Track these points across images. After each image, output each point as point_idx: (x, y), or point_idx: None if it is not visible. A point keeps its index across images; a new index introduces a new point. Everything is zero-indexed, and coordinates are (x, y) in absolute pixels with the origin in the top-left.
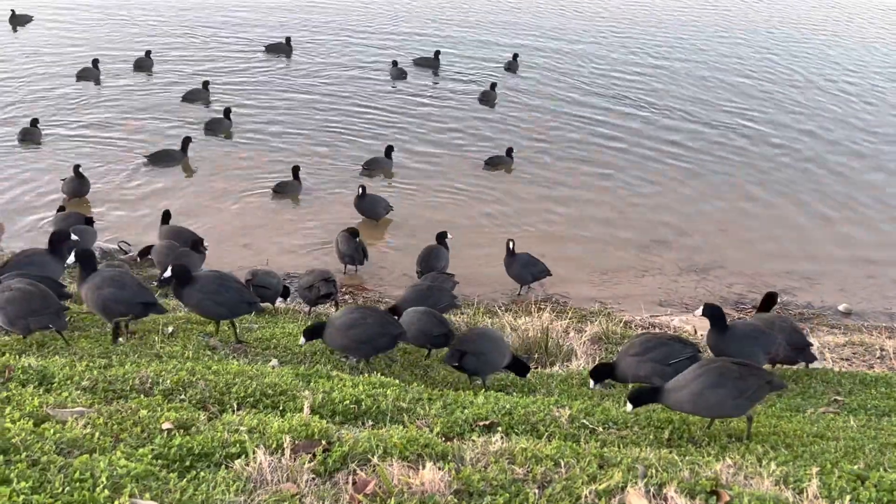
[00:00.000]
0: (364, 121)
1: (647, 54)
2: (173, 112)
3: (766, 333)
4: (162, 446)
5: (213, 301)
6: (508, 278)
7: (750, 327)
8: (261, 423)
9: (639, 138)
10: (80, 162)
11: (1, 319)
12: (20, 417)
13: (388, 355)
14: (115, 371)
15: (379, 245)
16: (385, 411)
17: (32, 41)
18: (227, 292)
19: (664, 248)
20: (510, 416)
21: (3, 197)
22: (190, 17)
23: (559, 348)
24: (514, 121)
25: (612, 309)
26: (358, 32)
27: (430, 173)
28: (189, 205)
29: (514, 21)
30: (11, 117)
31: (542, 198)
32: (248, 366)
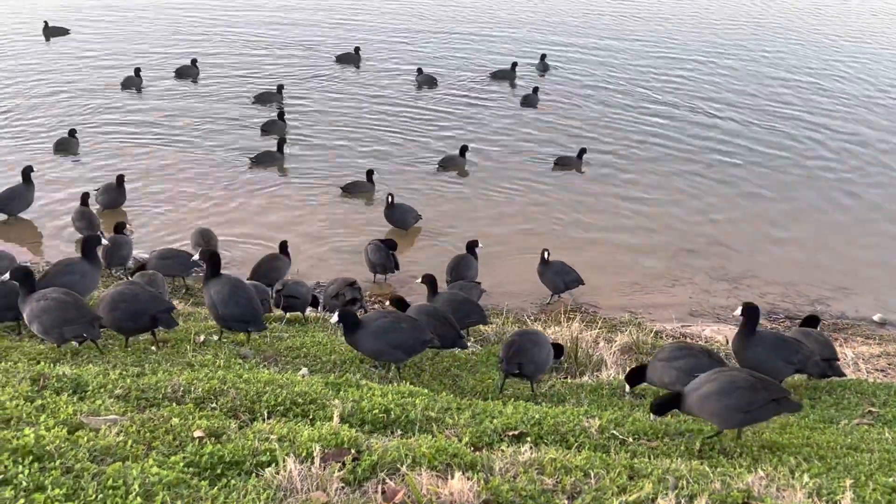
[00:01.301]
0: (404, 127)
1: (676, 56)
2: (219, 117)
3: (790, 345)
4: (193, 454)
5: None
6: (538, 287)
7: (775, 336)
8: (291, 431)
9: (669, 145)
10: (120, 171)
11: (36, 328)
12: (54, 425)
13: (416, 364)
14: (147, 379)
15: (408, 254)
16: (414, 420)
17: (69, 52)
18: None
19: (695, 257)
20: (539, 426)
21: (37, 207)
22: (243, 28)
23: (589, 358)
24: (550, 125)
25: (642, 319)
26: (416, 40)
27: (467, 181)
28: (243, 211)
29: (528, 21)
30: (51, 126)
31: (571, 206)
32: (278, 374)
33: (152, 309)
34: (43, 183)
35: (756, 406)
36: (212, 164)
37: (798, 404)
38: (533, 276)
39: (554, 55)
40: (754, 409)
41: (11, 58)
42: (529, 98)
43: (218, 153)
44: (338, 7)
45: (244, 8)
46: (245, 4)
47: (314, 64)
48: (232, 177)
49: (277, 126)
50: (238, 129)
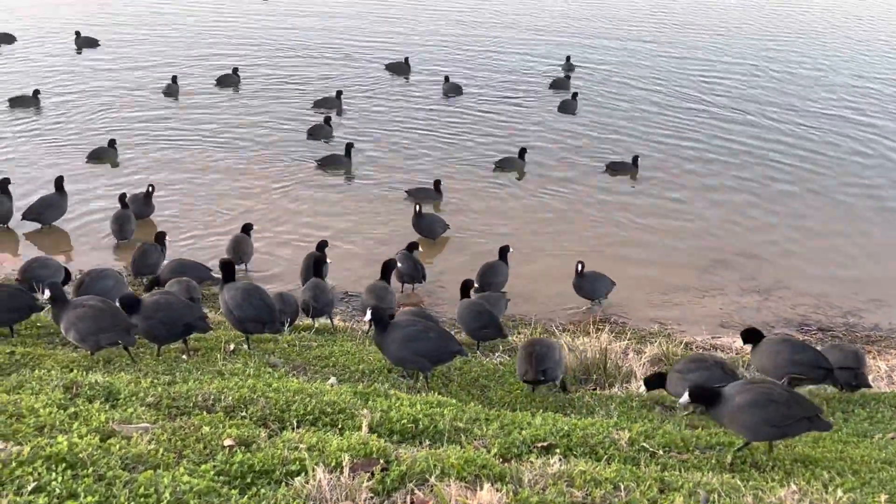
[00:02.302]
0: (455, 133)
1: (704, 59)
2: (264, 124)
3: (795, 346)
4: (223, 463)
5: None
6: (567, 296)
7: (776, 342)
8: (320, 441)
9: (700, 153)
10: (153, 180)
11: (72, 336)
12: (87, 433)
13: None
14: (178, 388)
15: (436, 263)
16: (442, 431)
17: (102, 62)
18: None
19: (726, 268)
20: (568, 437)
21: (73, 216)
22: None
23: (618, 369)
24: (591, 130)
25: (672, 330)
26: (459, 48)
27: (494, 189)
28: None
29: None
30: (88, 135)
31: (599, 215)
32: (307, 384)
33: (187, 317)
34: (78, 192)
35: (788, 422)
36: (258, 169)
37: (829, 424)
38: (563, 284)
39: (579, 58)
40: (786, 425)
41: (46, 68)
42: (568, 104)
43: (265, 157)
44: (384, 16)
45: (286, 16)
46: (285, 13)
47: (364, 72)
48: (279, 179)
49: (324, 130)
50: (282, 134)
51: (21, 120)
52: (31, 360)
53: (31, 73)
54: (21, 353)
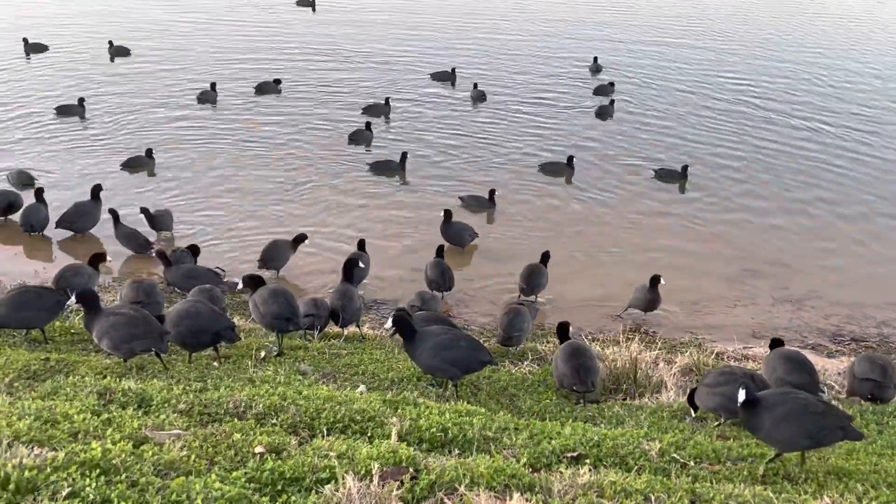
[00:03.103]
0: (500, 140)
1: (739, 63)
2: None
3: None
4: (254, 470)
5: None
6: (597, 305)
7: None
8: (350, 449)
9: (732, 160)
10: (191, 187)
11: (105, 343)
12: (120, 439)
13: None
14: (210, 395)
15: (465, 272)
16: (471, 440)
17: (137, 70)
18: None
19: (757, 277)
20: (598, 448)
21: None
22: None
23: (648, 379)
24: (632, 135)
25: (703, 339)
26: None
27: (526, 196)
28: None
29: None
30: (126, 142)
31: (630, 222)
32: (337, 391)
33: (215, 326)
34: (114, 200)
35: (823, 432)
36: (300, 176)
37: (861, 433)
38: (594, 293)
39: (615, 64)
40: (821, 435)
41: (80, 77)
42: (605, 109)
43: (307, 163)
44: (432, 26)
45: (334, 25)
46: (332, 22)
47: (410, 81)
48: (324, 184)
49: (365, 136)
50: (324, 140)
51: (67, 128)
52: (66, 366)
53: (67, 82)
54: (55, 360)
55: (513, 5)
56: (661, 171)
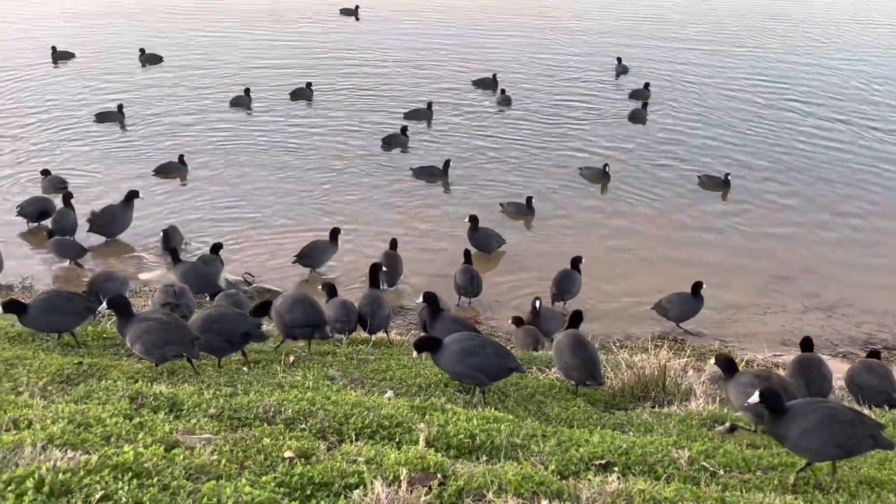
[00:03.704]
0: (539, 145)
1: (772, 64)
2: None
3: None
4: (284, 474)
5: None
6: (626, 313)
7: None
8: (378, 454)
9: (760, 166)
10: (223, 192)
11: (138, 349)
12: (152, 443)
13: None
14: (240, 399)
15: (492, 278)
16: (499, 447)
17: (170, 76)
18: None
19: (788, 284)
20: (627, 455)
21: (141, 230)
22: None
23: (677, 387)
24: (665, 140)
25: (732, 347)
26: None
27: (560, 202)
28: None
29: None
30: (159, 148)
31: (657, 229)
32: (365, 397)
33: (243, 327)
34: (147, 205)
35: (854, 441)
36: (337, 180)
37: (892, 442)
38: (622, 300)
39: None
40: (851, 444)
41: (111, 84)
42: (638, 113)
43: (342, 169)
44: (475, 33)
45: (376, 32)
46: (374, 30)
47: (452, 87)
48: (360, 189)
49: (399, 140)
50: (359, 145)
51: (103, 134)
52: (98, 370)
53: (100, 89)
54: (88, 364)
55: (545, 9)
56: (704, 178)
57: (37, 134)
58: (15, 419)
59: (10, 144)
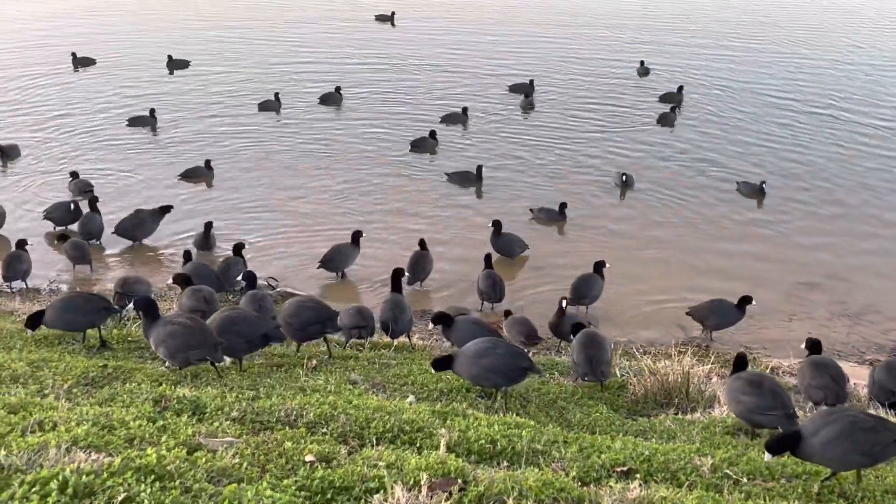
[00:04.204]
0: (570, 152)
1: (799, 69)
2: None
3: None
4: (305, 478)
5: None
6: (651, 319)
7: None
8: (399, 459)
9: (786, 170)
10: (249, 196)
11: (162, 352)
12: (175, 445)
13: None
14: (262, 403)
15: (515, 283)
16: (520, 453)
17: (201, 82)
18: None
19: (814, 291)
20: (649, 462)
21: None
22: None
23: (701, 394)
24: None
25: (757, 354)
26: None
27: (587, 206)
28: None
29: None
30: (186, 152)
31: (682, 234)
32: (386, 401)
33: (263, 328)
34: (173, 210)
35: (877, 448)
36: (366, 184)
37: None
38: (647, 307)
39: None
40: (875, 451)
41: (145, 89)
42: (667, 116)
43: (371, 173)
44: (510, 39)
45: (411, 39)
46: (410, 37)
47: (488, 91)
48: (389, 194)
49: (428, 143)
50: (389, 149)
51: (133, 139)
52: (123, 373)
53: (126, 94)
54: (113, 367)
55: (575, 13)
56: (741, 185)
57: (65, 138)
58: (40, 421)
59: (40, 148)
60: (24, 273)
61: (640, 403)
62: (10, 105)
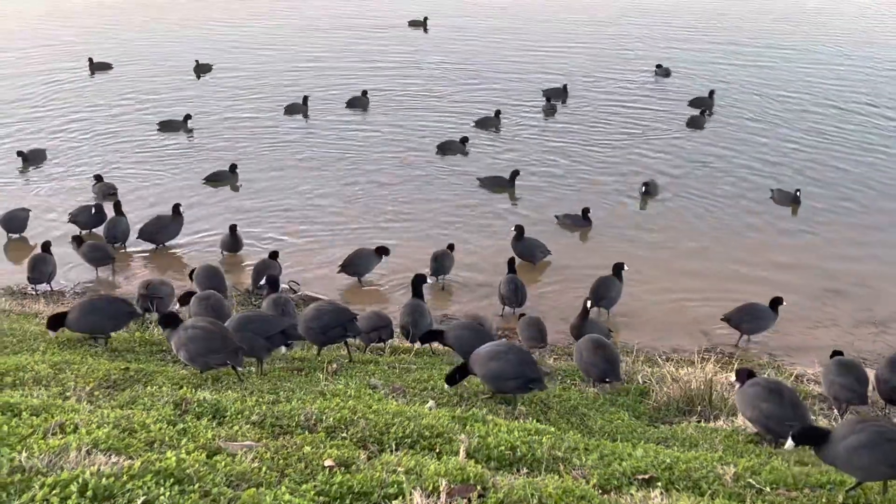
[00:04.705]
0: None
1: (834, 70)
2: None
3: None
4: (324, 483)
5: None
6: (674, 326)
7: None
8: (418, 464)
9: (813, 175)
10: (274, 200)
11: (182, 356)
12: (194, 449)
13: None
14: (282, 407)
15: (537, 288)
16: (540, 459)
17: (224, 86)
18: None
19: (839, 298)
20: (671, 470)
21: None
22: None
23: (724, 402)
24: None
25: (781, 362)
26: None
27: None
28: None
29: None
30: (212, 156)
31: (704, 241)
32: (406, 406)
33: (279, 327)
34: (198, 213)
35: None
36: (391, 187)
37: None
38: (672, 314)
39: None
40: None
41: (173, 94)
42: (697, 119)
43: (397, 177)
44: (544, 46)
45: (443, 45)
46: (441, 44)
47: (521, 95)
48: (416, 198)
49: (455, 146)
50: (420, 152)
51: (161, 143)
52: (144, 376)
53: (150, 100)
54: (135, 370)
55: (615, 17)
56: (776, 193)
57: (88, 141)
58: (61, 423)
59: (63, 152)
60: (50, 275)
61: (662, 410)
62: (31, 108)
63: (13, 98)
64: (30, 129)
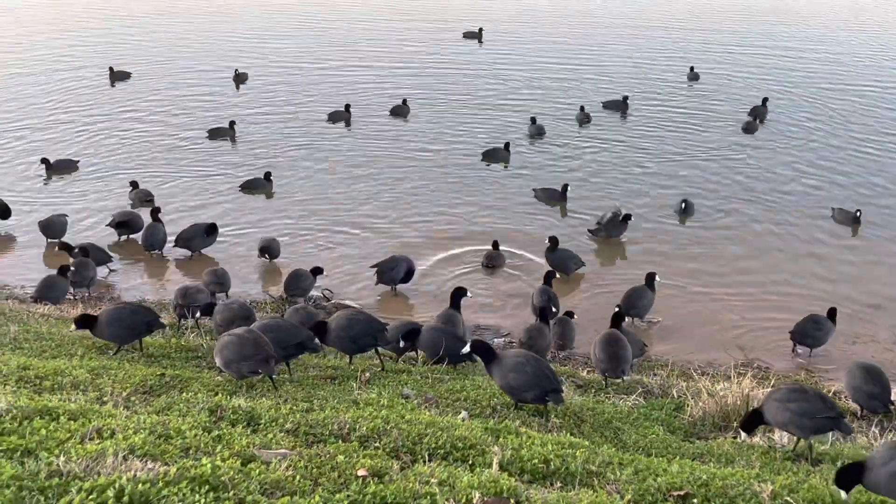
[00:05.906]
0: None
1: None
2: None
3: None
4: (357, 493)
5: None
6: (711, 339)
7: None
8: (451, 476)
9: (852, 188)
10: (309, 208)
11: (219, 361)
12: (229, 456)
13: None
14: (315, 415)
15: (570, 300)
16: (574, 473)
17: (260, 95)
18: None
19: (879, 314)
20: (706, 487)
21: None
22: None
23: None
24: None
25: (819, 377)
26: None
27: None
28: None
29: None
30: (249, 164)
31: (743, 255)
32: (439, 417)
33: (297, 338)
34: (231, 221)
35: None
36: (433, 197)
37: None
38: (708, 326)
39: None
40: None
41: (216, 102)
42: (750, 125)
43: (437, 187)
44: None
45: (496, 56)
46: (495, 54)
47: (565, 105)
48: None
49: (500, 154)
50: (462, 161)
51: (195, 149)
52: (180, 382)
53: (190, 107)
54: (170, 376)
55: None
56: (836, 212)
57: (124, 149)
58: (98, 428)
59: (100, 159)
60: (91, 280)
61: (697, 426)
62: (60, 116)
63: (38, 104)
64: (61, 139)
